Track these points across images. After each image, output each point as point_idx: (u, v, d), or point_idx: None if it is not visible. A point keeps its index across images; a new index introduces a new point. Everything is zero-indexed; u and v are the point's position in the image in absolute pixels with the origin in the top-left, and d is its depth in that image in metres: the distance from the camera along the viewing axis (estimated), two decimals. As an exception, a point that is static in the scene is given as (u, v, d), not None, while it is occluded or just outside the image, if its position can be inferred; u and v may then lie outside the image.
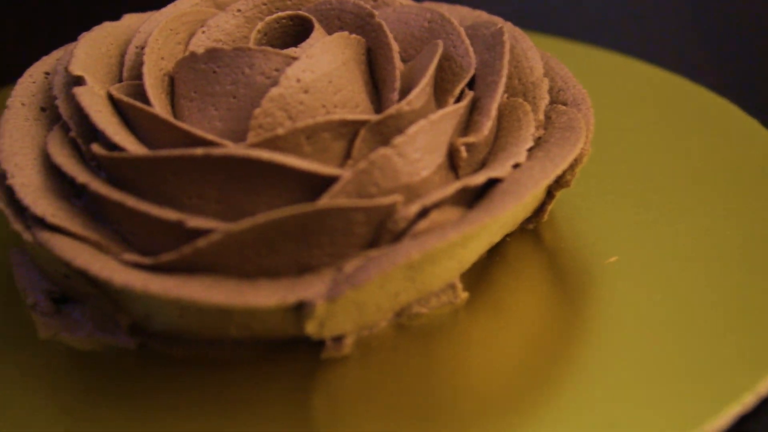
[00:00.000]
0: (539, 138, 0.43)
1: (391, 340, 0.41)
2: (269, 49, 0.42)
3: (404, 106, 0.40)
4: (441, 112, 0.40)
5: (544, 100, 0.44)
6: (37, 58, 0.47)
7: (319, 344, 0.40)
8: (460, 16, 0.48)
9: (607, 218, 0.45)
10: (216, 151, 0.38)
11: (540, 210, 0.44)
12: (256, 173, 0.39)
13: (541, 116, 0.43)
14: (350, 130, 0.40)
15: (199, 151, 0.38)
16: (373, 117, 0.40)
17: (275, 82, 0.41)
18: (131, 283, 0.38)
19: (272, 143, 0.39)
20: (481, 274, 0.43)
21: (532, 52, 0.45)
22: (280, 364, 0.40)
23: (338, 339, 0.40)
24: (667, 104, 0.51)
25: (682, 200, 0.46)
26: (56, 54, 0.47)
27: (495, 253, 0.43)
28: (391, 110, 0.40)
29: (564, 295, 0.42)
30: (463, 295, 0.42)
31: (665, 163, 0.48)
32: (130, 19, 0.47)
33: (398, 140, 0.39)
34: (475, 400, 0.38)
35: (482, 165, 0.42)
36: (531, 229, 0.45)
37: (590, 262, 0.43)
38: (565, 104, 0.44)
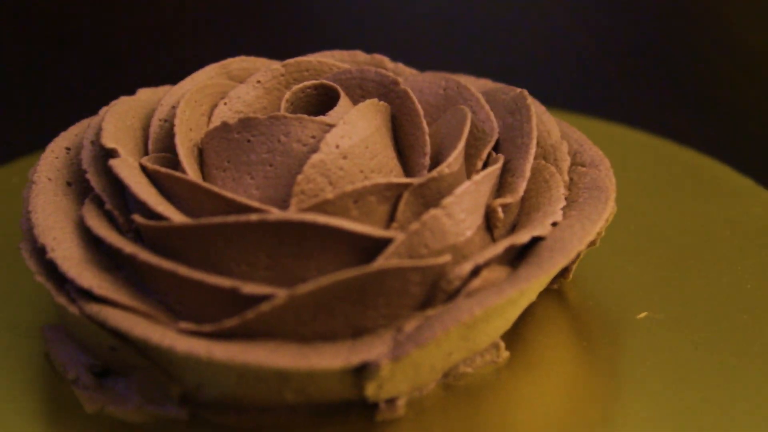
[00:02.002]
0: (565, 198, 0.44)
1: (440, 400, 0.41)
2: (305, 116, 0.42)
3: (444, 169, 0.41)
4: (483, 173, 0.41)
5: (566, 162, 0.45)
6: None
7: (371, 407, 0.40)
8: (466, 82, 0.49)
9: (627, 276, 0.46)
10: (271, 217, 0.38)
11: (566, 269, 0.45)
12: (308, 238, 0.39)
13: (566, 177, 0.44)
14: (394, 193, 0.41)
15: (254, 217, 0.38)
16: (416, 180, 0.41)
17: (312, 149, 0.41)
18: (195, 350, 0.37)
19: (320, 208, 0.40)
20: (513, 334, 0.43)
21: (547, 116, 0.47)
22: (334, 428, 0.40)
23: (391, 401, 0.40)
24: (658, 166, 0.53)
25: (696, 256, 0.47)
26: (74, 129, 0.46)
27: (526, 313, 0.44)
28: (433, 173, 0.41)
29: (598, 352, 0.43)
30: (505, 354, 0.42)
31: (670, 222, 0.49)
32: (144, 94, 0.47)
33: (447, 201, 0.40)
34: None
35: (513, 226, 0.43)
36: (555, 288, 0.45)
37: (619, 318, 0.44)
38: (583, 165, 0.45)
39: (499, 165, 0.42)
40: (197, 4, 0.80)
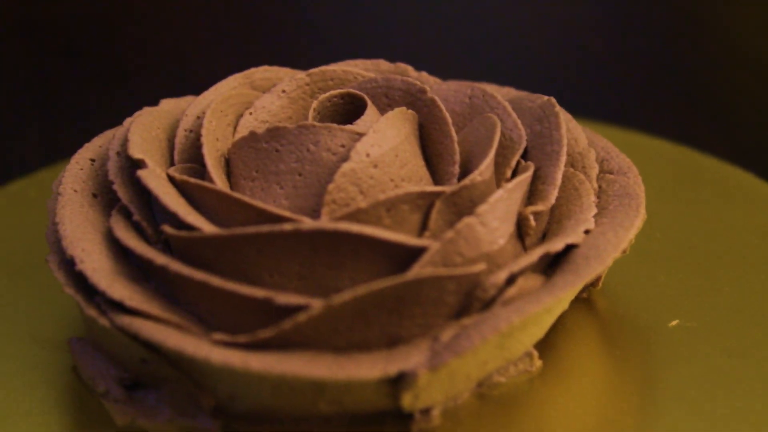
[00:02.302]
0: (596, 206, 0.43)
1: (475, 410, 0.40)
2: (333, 125, 0.42)
3: (477, 176, 0.41)
4: (515, 181, 0.41)
5: (594, 169, 0.45)
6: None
7: (406, 417, 0.40)
8: (492, 91, 0.48)
9: (656, 284, 0.46)
10: (305, 227, 0.38)
11: (596, 278, 0.45)
12: (342, 247, 0.38)
13: (595, 185, 0.44)
14: (426, 201, 0.40)
15: (287, 226, 0.38)
16: (448, 188, 0.40)
17: (342, 158, 0.41)
18: (230, 361, 0.37)
19: (353, 217, 0.39)
20: (544, 344, 0.43)
21: (573, 124, 0.46)
22: (369, 439, 0.39)
23: (426, 411, 0.39)
24: (680, 174, 0.53)
25: (724, 263, 0.47)
26: (98, 140, 0.46)
27: (556, 322, 0.44)
28: (466, 181, 0.41)
29: (630, 360, 0.43)
30: (539, 363, 0.42)
31: (697, 229, 0.49)
32: (168, 104, 0.47)
33: (481, 209, 0.39)
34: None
35: (544, 234, 0.43)
36: (585, 297, 0.45)
37: (650, 327, 0.44)
38: (611, 173, 0.45)
39: (530, 173, 0.42)
40: (212, 15, 0.80)
